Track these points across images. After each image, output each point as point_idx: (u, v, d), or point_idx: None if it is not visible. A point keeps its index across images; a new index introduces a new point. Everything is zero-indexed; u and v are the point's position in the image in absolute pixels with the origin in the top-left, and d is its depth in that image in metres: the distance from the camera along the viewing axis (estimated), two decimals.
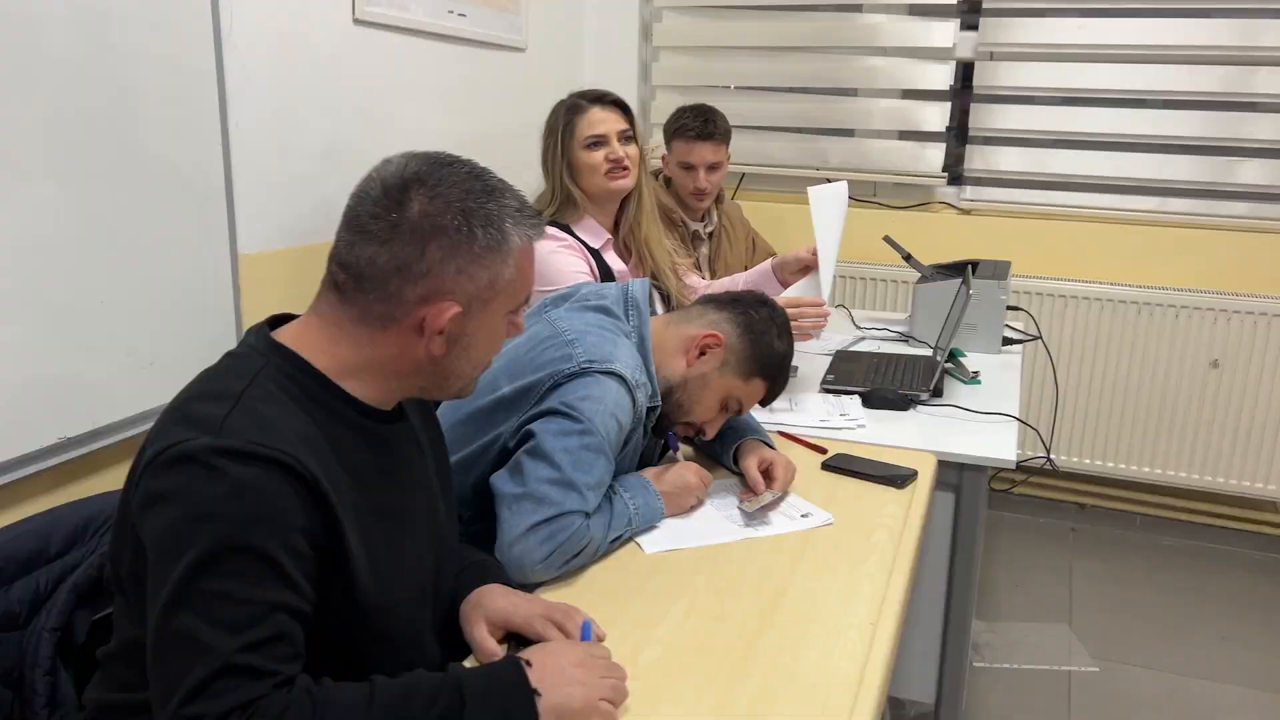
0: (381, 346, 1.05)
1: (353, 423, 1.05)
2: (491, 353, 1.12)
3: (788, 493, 1.62)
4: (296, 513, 0.94)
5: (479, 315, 1.06)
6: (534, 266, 1.11)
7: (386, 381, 1.08)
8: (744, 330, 1.56)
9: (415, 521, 1.13)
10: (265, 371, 1.01)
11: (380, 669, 0.98)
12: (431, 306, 1.02)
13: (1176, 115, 3.11)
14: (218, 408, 0.95)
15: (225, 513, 0.90)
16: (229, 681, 0.87)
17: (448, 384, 1.11)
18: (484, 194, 1.04)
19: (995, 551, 3.16)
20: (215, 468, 0.91)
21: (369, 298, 1.02)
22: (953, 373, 2.29)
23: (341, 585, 0.99)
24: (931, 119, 3.32)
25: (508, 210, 1.05)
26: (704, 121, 2.69)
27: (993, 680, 2.48)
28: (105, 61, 1.64)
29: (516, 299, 1.09)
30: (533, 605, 1.18)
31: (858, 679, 1.14)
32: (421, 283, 1.01)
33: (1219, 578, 3.03)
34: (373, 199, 1.03)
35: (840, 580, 1.37)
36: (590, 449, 1.36)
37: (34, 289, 1.56)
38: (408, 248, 1.01)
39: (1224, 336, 3.10)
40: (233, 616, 0.89)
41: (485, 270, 1.04)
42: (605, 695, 1.03)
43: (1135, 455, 3.28)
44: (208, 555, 0.89)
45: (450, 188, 1.03)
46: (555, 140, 2.19)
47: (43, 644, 1.21)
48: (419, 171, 1.04)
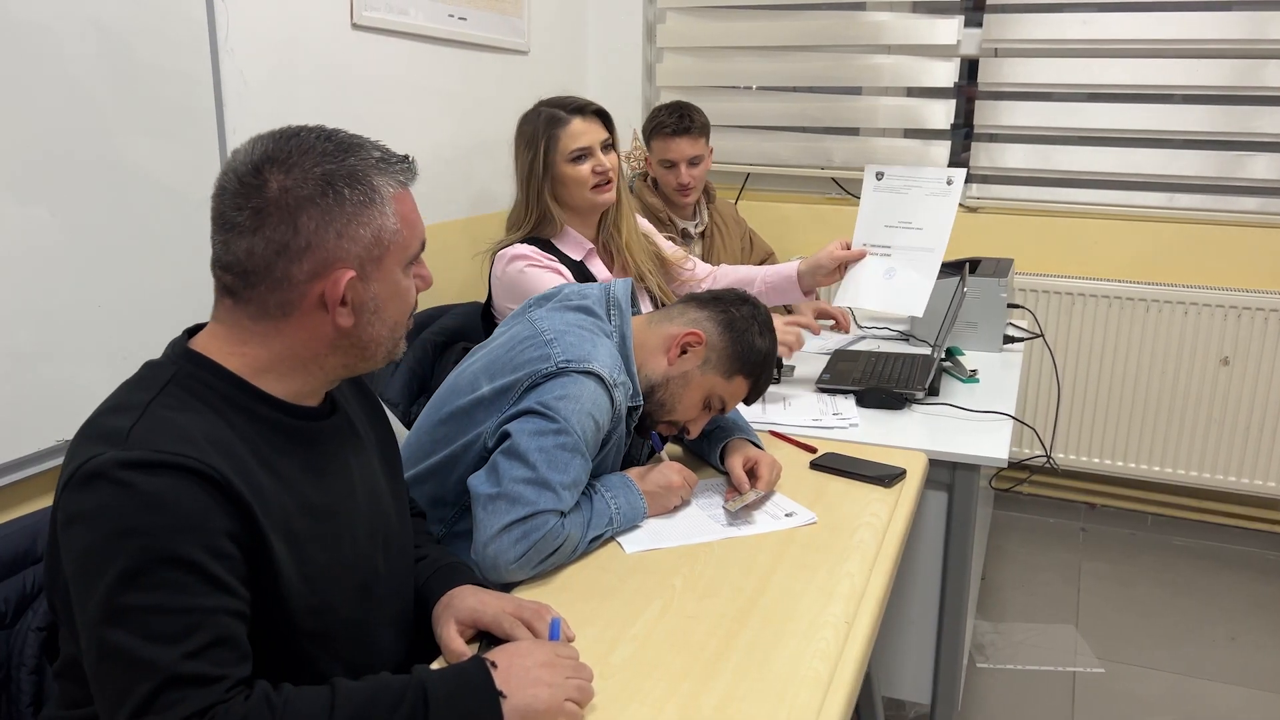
0: (290, 336, 1.03)
1: (273, 422, 1.04)
2: (405, 310, 1.09)
3: (773, 492, 1.62)
4: (215, 516, 0.93)
5: (375, 275, 1.03)
6: (417, 211, 1.08)
7: (307, 372, 1.06)
8: (725, 328, 1.56)
9: (354, 518, 1.11)
10: (177, 379, 1.00)
11: (321, 668, 0.98)
12: (324, 280, 1.00)
13: (1184, 110, 3.08)
14: (125, 420, 0.94)
15: (141, 526, 0.89)
16: (176, 693, 0.87)
17: (369, 353, 1.08)
18: (340, 153, 1.02)
19: (1003, 551, 3.14)
20: (124, 482, 0.89)
21: (260, 291, 1.01)
22: (950, 371, 2.28)
23: (270, 587, 0.98)
24: (936, 116, 3.30)
25: (370, 163, 1.03)
26: (680, 117, 2.70)
27: (997, 681, 2.46)
28: (100, 70, 1.67)
29: (409, 249, 1.07)
30: (501, 603, 1.18)
31: (828, 679, 1.14)
32: (306, 258, 1.00)
33: (1230, 578, 3.00)
34: (231, 192, 1.00)
35: (820, 579, 1.36)
36: (566, 448, 1.37)
37: (31, 294, 1.59)
38: (279, 228, 0.99)
39: (1234, 333, 3.07)
40: (168, 628, 0.88)
41: (365, 228, 1.01)
42: (571, 696, 1.03)
43: (1145, 454, 3.25)
44: (131, 571, 0.88)
45: (303, 156, 1.00)
46: (536, 154, 2.08)
47: (29, 643, 1.22)
48: (268, 151, 1.01)
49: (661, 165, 2.73)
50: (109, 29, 1.68)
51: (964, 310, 2.46)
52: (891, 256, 2.12)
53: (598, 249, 2.18)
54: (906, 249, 2.11)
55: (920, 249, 2.10)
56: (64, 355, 1.65)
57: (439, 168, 2.70)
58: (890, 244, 2.13)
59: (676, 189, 2.72)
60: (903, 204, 2.13)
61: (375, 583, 1.14)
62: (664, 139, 2.71)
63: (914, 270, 2.10)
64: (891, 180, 2.15)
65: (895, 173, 2.15)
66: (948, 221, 2.09)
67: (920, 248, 2.10)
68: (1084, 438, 3.30)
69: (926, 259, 2.10)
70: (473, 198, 2.86)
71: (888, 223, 2.13)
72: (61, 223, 1.63)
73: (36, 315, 1.60)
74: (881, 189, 2.15)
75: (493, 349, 1.53)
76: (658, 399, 1.56)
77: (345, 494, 1.11)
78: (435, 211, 2.69)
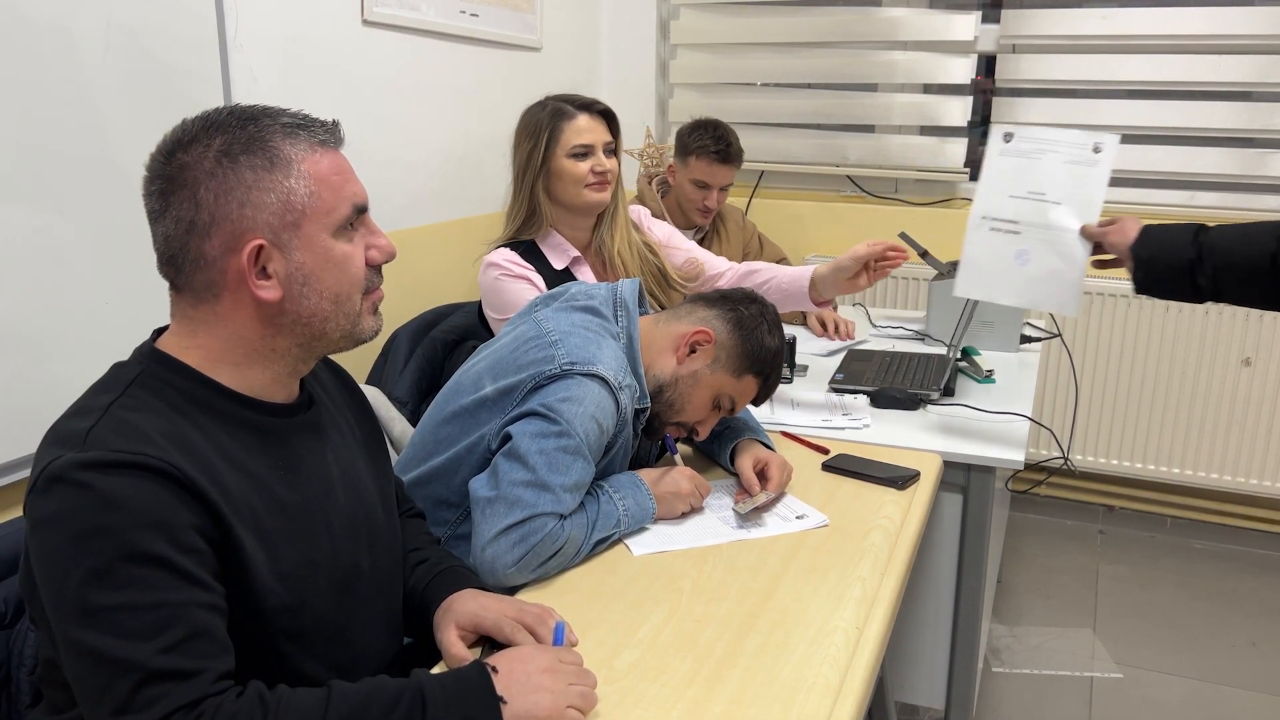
0: (228, 319, 1.01)
1: (239, 419, 1.02)
2: (349, 281, 1.04)
3: (784, 494, 1.60)
4: (179, 511, 0.91)
5: (296, 243, 1.00)
6: (347, 174, 1.04)
7: (262, 359, 1.04)
8: (734, 326, 1.53)
9: (330, 515, 1.09)
10: (140, 379, 0.99)
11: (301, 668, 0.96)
12: (237, 254, 0.98)
13: (1205, 107, 3.03)
14: (85, 422, 0.94)
15: (103, 525, 0.88)
16: (156, 689, 0.86)
17: (316, 329, 1.04)
18: (242, 123, 0.99)
19: (1020, 554, 3.10)
20: (82, 483, 0.88)
21: (186, 275, 1.00)
22: (966, 371, 2.25)
23: (243, 585, 0.97)
24: (953, 113, 3.26)
25: (273, 128, 1.00)
26: (727, 144, 2.69)
27: (1012, 686, 2.43)
28: (109, 67, 1.66)
29: (335, 212, 1.02)
30: (503, 607, 1.16)
31: (838, 686, 1.11)
32: (214, 233, 0.98)
33: (1251, 582, 2.95)
34: (146, 181, 1.00)
35: (830, 583, 1.34)
36: (567, 451, 1.34)
37: (37, 291, 1.58)
38: (183, 205, 0.97)
39: (1256, 334, 3.02)
40: (140, 624, 0.87)
41: (269, 194, 0.98)
42: (573, 703, 1.01)
43: (1165, 456, 3.20)
44: (98, 571, 0.87)
45: (203, 132, 0.98)
46: (536, 145, 2.01)
47: (28, 643, 1.21)
48: (174, 134, 1.00)
49: (693, 184, 2.72)
50: (118, 26, 1.67)
51: (980, 310, 2.42)
52: (1020, 235, 1.75)
53: (589, 255, 2.09)
54: (1042, 227, 1.73)
55: (1059, 228, 1.72)
56: (69, 353, 1.64)
57: (450, 165, 2.68)
58: (1018, 220, 1.75)
59: (700, 209, 2.73)
60: (1035, 171, 1.76)
61: (357, 581, 1.12)
62: (708, 163, 2.68)
63: (1054, 255, 1.72)
64: (1022, 143, 1.78)
65: (1029, 134, 1.77)
66: (1097, 197, 1.72)
67: (1059, 226, 1.72)
68: (1102, 439, 3.26)
69: (1068, 242, 1.72)
70: (483, 195, 2.84)
71: (1014, 193, 1.76)
72: (69, 220, 1.62)
73: (42, 313, 1.60)
74: (1009, 153, 1.79)
75: (497, 348, 1.51)
76: (666, 399, 1.53)
77: (321, 491, 1.09)
78: (445, 209, 2.67)
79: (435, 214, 2.64)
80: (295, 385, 1.10)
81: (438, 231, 2.65)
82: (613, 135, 2.06)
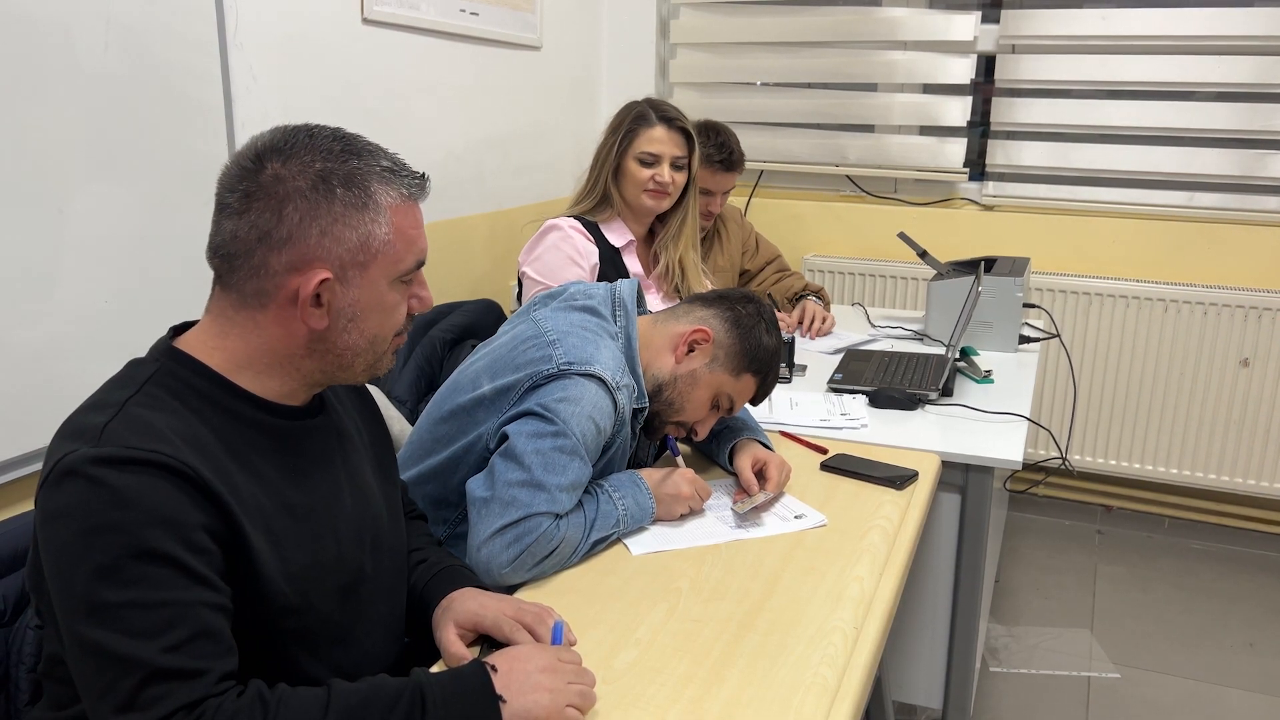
0: (266, 330, 1.02)
1: (252, 420, 1.03)
2: (388, 325, 1.06)
3: (782, 493, 1.60)
4: (190, 511, 0.92)
5: (357, 281, 1.01)
6: (421, 229, 1.06)
7: (283, 371, 1.05)
8: (732, 325, 1.54)
9: (338, 519, 1.10)
10: (156, 377, 0.99)
11: (305, 669, 0.97)
12: (300, 275, 0.99)
13: (1204, 107, 3.03)
14: (100, 417, 0.94)
15: (114, 522, 0.88)
16: (159, 687, 0.86)
17: (345, 361, 1.05)
18: (346, 154, 1.01)
19: (1018, 554, 3.10)
20: (96, 479, 0.89)
21: (240, 276, 1.00)
22: (964, 371, 2.25)
23: (249, 585, 0.97)
24: (953, 113, 3.26)
25: (373, 170, 1.01)
26: (730, 152, 2.70)
27: (1010, 686, 2.43)
28: (109, 65, 1.66)
29: (401, 263, 1.04)
30: (502, 606, 1.16)
31: (835, 686, 1.12)
32: (285, 249, 0.98)
33: (1249, 582, 2.95)
34: (230, 175, 1.00)
35: (829, 583, 1.34)
36: (564, 451, 1.34)
37: (37, 290, 1.58)
38: (264, 214, 0.98)
39: (1254, 334, 3.02)
40: (146, 623, 0.88)
41: (352, 231, 0.99)
42: (572, 702, 1.01)
43: (1163, 457, 3.20)
44: (107, 567, 0.88)
45: (306, 151, 0.99)
46: (615, 140, 2.24)
47: (28, 641, 1.22)
48: (273, 141, 1.00)
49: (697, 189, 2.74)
50: (118, 24, 1.67)
51: (979, 310, 2.43)
52: None
53: (644, 251, 2.29)
54: None
55: None
56: (69, 352, 1.64)
57: (450, 164, 2.68)
58: None
59: (703, 214, 2.72)
60: None
61: (361, 584, 1.12)
62: (711, 171, 2.67)
63: None
64: None
65: None
66: None
67: None
68: (1100, 439, 3.26)
69: None
70: (483, 194, 2.84)
71: None
72: (69, 218, 1.62)
73: (42, 311, 1.60)
74: None
75: (495, 347, 1.52)
76: (665, 398, 1.53)
77: (329, 495, 1.09)
78: (445, 208, 2.67)
79: (435, 213, 2.64)
80: (308, 394, 1.11)
81: (437, 230, 2.65)
82: (687, 153, 2.25)
